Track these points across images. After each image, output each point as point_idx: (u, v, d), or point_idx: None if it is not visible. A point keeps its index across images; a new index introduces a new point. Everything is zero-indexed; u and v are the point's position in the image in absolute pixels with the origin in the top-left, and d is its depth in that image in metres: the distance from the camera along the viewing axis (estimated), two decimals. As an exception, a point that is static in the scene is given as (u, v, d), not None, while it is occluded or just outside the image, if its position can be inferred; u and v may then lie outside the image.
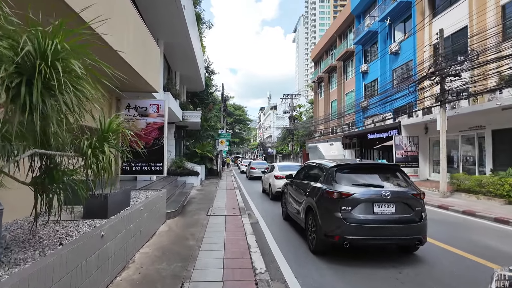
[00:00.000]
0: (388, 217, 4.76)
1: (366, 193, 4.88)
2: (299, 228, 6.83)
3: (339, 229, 4.71)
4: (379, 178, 5.28)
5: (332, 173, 5.26)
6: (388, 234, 4.74)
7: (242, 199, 11.30)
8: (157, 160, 7.27)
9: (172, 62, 14.87)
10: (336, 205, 4.81)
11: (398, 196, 4.89)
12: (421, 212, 4.92)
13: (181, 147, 19.24)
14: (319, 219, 5.07)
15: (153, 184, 11.01)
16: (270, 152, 66.03)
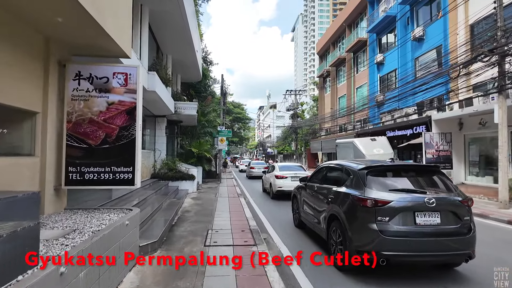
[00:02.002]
0: (432, 229, 4.05)
1: (405, 200, 4.14)
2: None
3: (375, 243, 3.98)
4: (418, 182, 4.60)
5: (362, 176, 4.52)
6: (433, 249, 4.03)
7: (251, 212, 8.61)
8: (125, 163, 4.57)
9: (162, 40, 12.14)
10: (370, 215, 4.07)
11: (444, 204, 4.18)
12: (470, 223, 4.21)
13: (174, 145, 16.49)
14: (348, 231, 4.31)
15: (134, 194, 8.29)
16: (270, 152, 63.45)
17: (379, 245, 3.94)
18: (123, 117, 4.53)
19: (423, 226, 4.02)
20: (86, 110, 4.47)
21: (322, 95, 36.11)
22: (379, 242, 3.95)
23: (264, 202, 11.56)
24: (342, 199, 4.71)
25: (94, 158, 4.46)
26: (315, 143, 32.88)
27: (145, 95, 9.07)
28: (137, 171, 4.55)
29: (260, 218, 8.21)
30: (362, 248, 4.09)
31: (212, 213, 8.32)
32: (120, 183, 4.54)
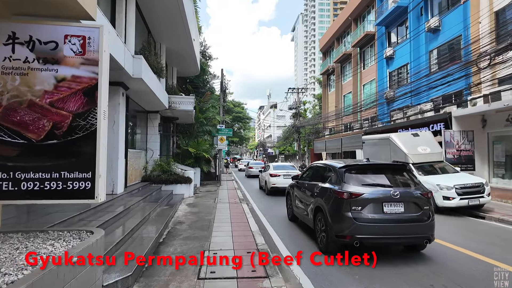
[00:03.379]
0: (397, 216, 4.83)
1: (375, 193, 4.95)
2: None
3: (350, 229, 4.75)
4: (387, 178, 5.33)
5: (341, 174, 5.33)
6: (398, 232, 4.81)
7: (257, 223, 7.19)
8: (80, 167, 3.11)
9: (154, 26, 10.74)
10: (346, 205, 4.86)
11: (406, 196, 4.97)
12: (429, 211, 4.98)
13: (169, 145, 15.08)
14: (329, 219, 5.09)
15: (118, 201, 6.90)
16: (271, 153, 62.04)
17: (354, 230, 4.72)
18: (79, 99, 3.11)
19: (390, 214, 4.82)
20: (24, 90, 3.07)
21: (325, 93, 34.68)
22: (353, 228, 4.72)
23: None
24: (325, 193, 5.47)
25: (35, 160, 3.05)
26: (319, 143, 31.43)
27: (131, 84, 7.68)
28: (100, 178, 3.12)
29: (269, 232, 6.79)
30: (340, 233, 4.85)
31: (210, 225, 6.91)
32: (74, 195, 3.11)
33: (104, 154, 3.22)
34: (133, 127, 11.08)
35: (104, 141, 3.21)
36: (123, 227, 5.29)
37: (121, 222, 5.64)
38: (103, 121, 3.17)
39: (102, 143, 3.16)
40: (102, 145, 3.17)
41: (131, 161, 9.77)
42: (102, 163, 3.17)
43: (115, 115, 7.51)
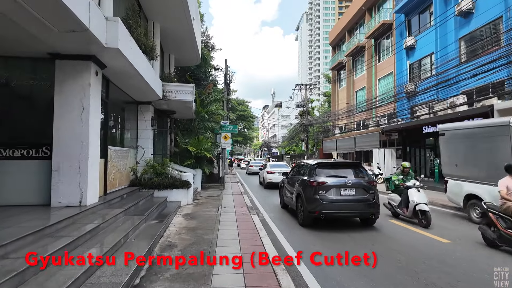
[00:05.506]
0: (350, 198, 6.76)
1: (335, 181, 6.85)
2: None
3: (318, 207, 6.67)
4: (345, 171, 7.20)
5: (313, 169, 7.25)
6: (351, 209, 6.81)
7: (275, 246, 5.25)
8: None
9: (144, 0, 8.83)
10: (315, 190, 6.77)
11: (357, 183, 6.86)
12: (374, 194, 6.88)
13: (165, 143, 13.15)
14: (304, 201, 7.01)
15: (87, 216, 5.01)
16: (275, 153, 60.06)
17: (320, 207, 6.67)
18: None
19: (345, 196, 6.79)
20: None
21: (335, 89, 32.64)
22: (320, 206, 6.68)
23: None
24: (303, 182, 7.41)
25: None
26: (329, 142, 29.46)
27: (107, 59, 5.79)
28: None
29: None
30: (311, 210, 6.80)
31: (210, 249, 4.97)
32: None
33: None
34: (118, 121, 9.17)
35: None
36: (74, 267, 3.36)
37: (73, 255, 3.71)
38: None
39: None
40: None
41: (113, 162, 7.86)
42: None
43: (84, 99, 5.58)
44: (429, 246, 5.66)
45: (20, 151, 5.69)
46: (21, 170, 5.68)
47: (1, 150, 5.61)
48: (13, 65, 5.84)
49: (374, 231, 6.78)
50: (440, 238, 6.19)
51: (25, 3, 3.65)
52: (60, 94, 5.57)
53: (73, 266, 3.34)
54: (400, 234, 6.59)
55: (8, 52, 5.58)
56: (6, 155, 5.63)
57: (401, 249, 5.44)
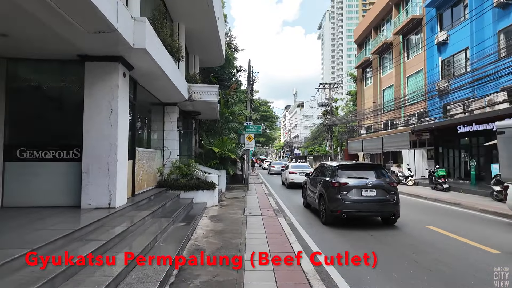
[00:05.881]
0: (371, 198, 7.03)
1: (356, 182, 7.13)
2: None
3: (339, 206, 6.98)
4: (366, 173, 7.44)
5: (335, 170, 7.56)
6: (371, 209, 7.09)
7: (303, 248, 4.98)
8: None
9: (170, 2, 8.81)
10: (337, 191, 7.09)
11: (377, 185, 7.12)
12: (394, 195, 7.14)
13: (190, 144, 13.19)
14: (327, 200, 7.32)
15: (115, 218, 4.98)
16: (298, 153, 59.37)
17: (342, 207, 6.97)
18: None
19: (366, 196, 7.04)
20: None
21: (361, 87, 31.69)
22: (342, 205, 6.97)
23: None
24: (325, 183, 7.66)
25: None
26: (354, 143, 28.61)
27: (134, 60, 5.75)
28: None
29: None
30: (333, 209, 7.09)
31: (240, 255, 4.78)
32: None
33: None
34: (145, 122, 9.22)
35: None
36: (104, 272, 3.26)
37: (103, 260, 3.62)
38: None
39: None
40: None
41: (141, 163, 7.88)
42: None
43: (112, 101, 5.57)
44: (472, 254, 5.17)
45: (52, 153, 5.77)
46: (53, 172, 5.75)
47: (34, 152, 5.72)
48: (45, 68, 5.95)
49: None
50: (485, 247, 5.66)
51: (54, 3, 3.61)
52: (89, 96, 5.59)
53: (102, 272, 3.25)
54: (427, 236, 6.41)
55: (40, 55, 5.67)
56: (39, 157, 5.72)
57: (429, 251, 5.27)
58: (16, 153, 5.67)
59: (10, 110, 5.77)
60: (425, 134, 19.35)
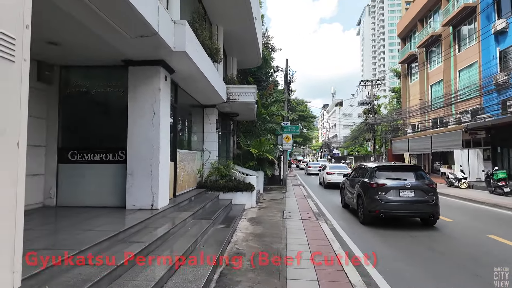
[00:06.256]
0: (409, 199, 7.19)
1: (395, 183, 7.33)
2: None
3: (377, 206, 7.19)
4: (405, 174, 7.64)
5: (373, 171, 7.79)
6: (410, 209, 7.23)
7: (346, 253, 4.66)
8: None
9: (209, 4, 8.89)
10: (375, 191, 7.30)
11: (416, 185, 7.28)
12: (433, 196, 7.21)
13: (228, 145, 13.27)
14: (365, 201, 7.55)
15: (158, 220, 5.06)
16: (336, 154, 57.66)
17: (379, 207, 7.16)
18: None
19: (404, 197, 7.21)
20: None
21: (405, 84, 29.86)
22: (379, 206, 7.16)
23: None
24: (363, 184, 7.85)
25: None
26: (399, 143, 26.99)
27: (175, 63, 5.81)
28: None
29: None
30: (371, 209, 7.32)
31: (281, 261, 4.59)
32: None
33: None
34: (186, 124, 9.40)
35: (14, 122, 1.09)
36: (146, 276, 3.26)
37: (145, 264, 3.64)
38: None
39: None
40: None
41: (182, 164, 8.02)
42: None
43: (154, 104, 5.69)
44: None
45: (99, 155, 6.04)
46: (100, 173, 6.01)
47: (83, 154, 6.02)
48: (93, 74, 6.25)
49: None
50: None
51: (99, 9, 3.70)
52: (133, 100, 5.76)
53: (145, 276, 3.25)
54: (489, 246, 5.87)
55: (89, 62, 5.96)
56: (88, 159, 6.02)
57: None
58: (68, 155, 6.02)
59: (63, 115, 6.14)
60: (481, 132, 17.64)
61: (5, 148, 1.12)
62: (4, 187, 1.13)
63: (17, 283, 1.18)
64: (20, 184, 1.18)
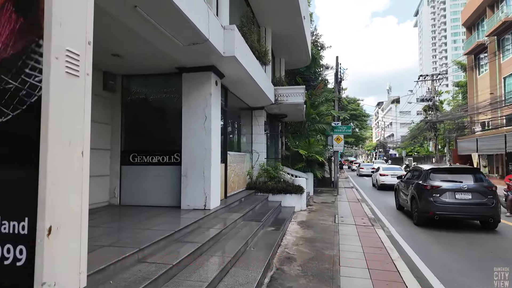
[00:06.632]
0: (466, 201, 7.10)
1: (450, 185, 7.33)
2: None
3: (432, 208, 7.21)
4: (461, 176, 7.56)
5: (427, 173, 7.84)
6: (466, 212, 7.12)
7: (412, 272, 4.30)
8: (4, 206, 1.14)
9: (256, 6, 8.96)
10: (429, 193, 7.33)
11: (474, 188, 7.20)
12: (493, 199, 7.02)
13: (277, 146, 13.24)
14: (419, 202, 7.62)
15: (210, 220, 5.24)
16: (393, 154, 54.22)
17: (434, 209, 7.17)
18: (7, 24, 1.16)
19: (460, 199, 7.14)
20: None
21: (472, 77, 26.94)
22: (434, 208, 7.18)
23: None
24: (417, 186, 7.94)
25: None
26: (466, 142, 24.42)
27: (225, 68, 5.95)
28: (54, 237, 1.09)
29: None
30: (425, 211, 7.37)
31: (333, 269, 4.40)
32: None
33: (82, 170, 1.19)
34: (235, 126, 9.60)
35: (79, 133, 1.18)
36: (199, 276, 3.35)
37: (196, 265, 3.74)
38: (64, 79, 1.14)
39: (58, 137, 1.11)
40: (55, 143, 1.13)
41: (232, 166, 8.19)
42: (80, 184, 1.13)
43: (206, 109, 5.89)
44: None
45: (156, 158, 6.42)
46: (158, 175, 6.40)
47: (143, 156, 6.46)
48: (150, 81, 6.68)
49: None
50: None
51: (157, 23, 3.93)
52: (186, 105, 6.03)
53: (198, 276, 3.34)
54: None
55: (146, 71, 6.39)
56: (147, 161, 6.44)
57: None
58: (130, 158, 6.51)
59: (125, 120, 6.67)
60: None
61: (71, 157, 1.22)
62: (72, 194, 1.22)
63: (83, 283, 1.28)
64: (85, 191, 1.27)
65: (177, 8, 3.64)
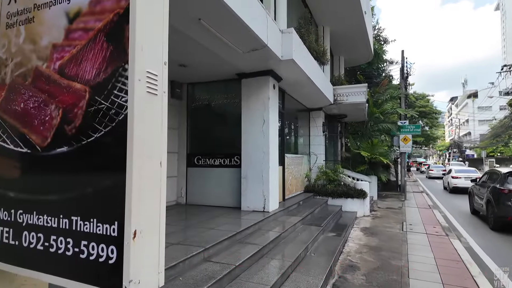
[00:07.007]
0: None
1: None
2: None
3: (510, 213, 6.92)
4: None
5: (505, 177, 7.59)
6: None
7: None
8: (98, 212, 1.32)
9: (314, 5, 8.82)
10: (507, 197, 7.04)
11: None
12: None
13: (336, 148, 12.81)
14: (495, 207, 7.34)
15: (269, 223, 5.36)
16: (470, 155, 48.36)
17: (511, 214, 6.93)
18: (100, 51, 1.35)
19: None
20: (28, 49, 1.64)
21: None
22: (511, 212, 6.91)
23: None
24: (493, 190, 7.67)
25: (38, 187, 1.50)
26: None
27: (283, 71, 5.99)
28: (135, 237, 1.23)
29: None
30: (503, 215, 7.12)
31: (402, 281, 4.10)
32: (86, 277, 1.36)
33: (159, 178, 1.32)
34: (292, 128, 9.56)
35: (158, 146, 1.31)
36: (261, 279, 3.42)
37: (257, 267, 3.82)
38: (145, 98, 1.28)
39: (141, 147, 1.25)
40: (147, 156, 1.27)
41: (290, 169, 8.17)
42: (157, 197, 1.27)
43: (264, 112, 5.99)
44: None
45: (218, 160, 6.73)
46: (219, 176, 6.70)
47: (206, 159, 6.83)
48: (212, 88, 7.04)
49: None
50: None
51: (220, 34, 4.14)
52: (246, 109, 6.21)
53: (259, 279, 3.41)
54: None
55: (209, 78, 6.74)
56: (209, 164, 6.79)
57: None
58: (194, 160, 6.94)
59: (190, 125, 7.13)
60: None
61: (152, 168, 1.37)
62: (152, 201, 1.36)
63: (161, 282, 1.41)
64: (163, 198, 1.41)
65: (237, 18, 3.78)
